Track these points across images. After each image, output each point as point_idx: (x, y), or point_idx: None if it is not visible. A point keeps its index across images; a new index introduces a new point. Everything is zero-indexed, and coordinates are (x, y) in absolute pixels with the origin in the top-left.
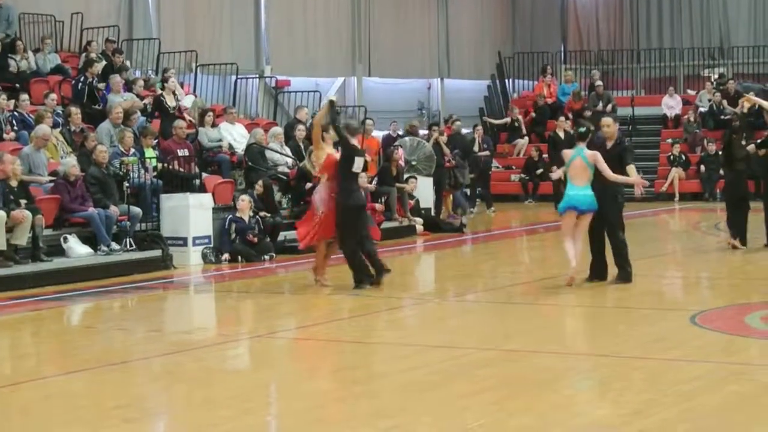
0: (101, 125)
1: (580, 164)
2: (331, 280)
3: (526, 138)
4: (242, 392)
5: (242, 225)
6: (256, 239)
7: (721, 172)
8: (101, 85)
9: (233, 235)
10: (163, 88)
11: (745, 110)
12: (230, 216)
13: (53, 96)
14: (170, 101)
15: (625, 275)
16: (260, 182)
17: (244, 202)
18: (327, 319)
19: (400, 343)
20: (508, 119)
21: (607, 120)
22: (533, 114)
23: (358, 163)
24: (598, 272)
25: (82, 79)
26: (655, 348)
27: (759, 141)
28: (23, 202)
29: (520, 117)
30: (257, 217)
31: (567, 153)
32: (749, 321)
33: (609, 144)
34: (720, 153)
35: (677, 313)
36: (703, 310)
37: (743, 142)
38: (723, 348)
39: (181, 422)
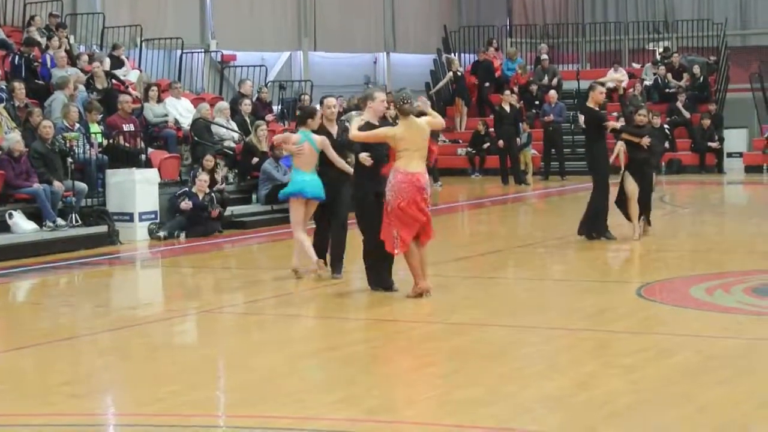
0: (55, 97)
1: (308, 149)
2: (273, 257)
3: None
4: (189, 367)
5: (196, 201)
6: (217, 212)
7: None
8: (47, 59)
9: (185, 206)
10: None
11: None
12: (185, 189)
13: None
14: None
15: (338, 269)
16: (208, 156)
17: (204, 182)
18: (274, 294)
19: (346, 317)
20: (450, 74)
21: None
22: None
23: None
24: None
25: (18, 54)
26: (601, 320)
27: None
28: None
29: (461, 69)
30: (212, 194)
31: (295, 137)
32: (694, 293)
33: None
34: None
35: (623, 285)
36: (648, 282)
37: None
38: (668, 320)
39: (129, 398)
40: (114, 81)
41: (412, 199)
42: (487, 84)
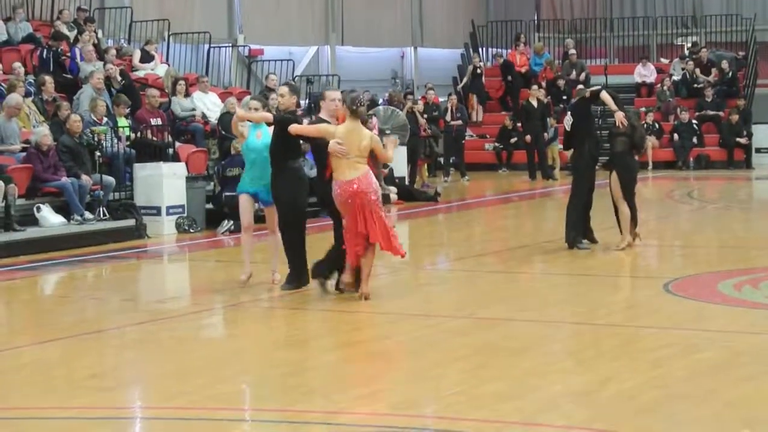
0: (83, 91)
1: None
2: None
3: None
4: (216, 361)
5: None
6: None
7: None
8: (76, 52)
9: None
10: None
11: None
12: None
13: (17, 64)
14: None
15: (293, 278)
16: None
17: None
18: (301, 289)
19: (374, 311)
20: (470, 67)
21: (282, 89)
22: (504, 81)
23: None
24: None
25: (46, 48)
26: (628, 315)
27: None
28: None
29: (480, 64)
30: None
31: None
32: (722, 288)
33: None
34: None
35: (651, 280)
36: (676, 277)
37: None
38: (695, 315)
39: (155, 391)
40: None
41: (352, 209)
42: (509, 78)
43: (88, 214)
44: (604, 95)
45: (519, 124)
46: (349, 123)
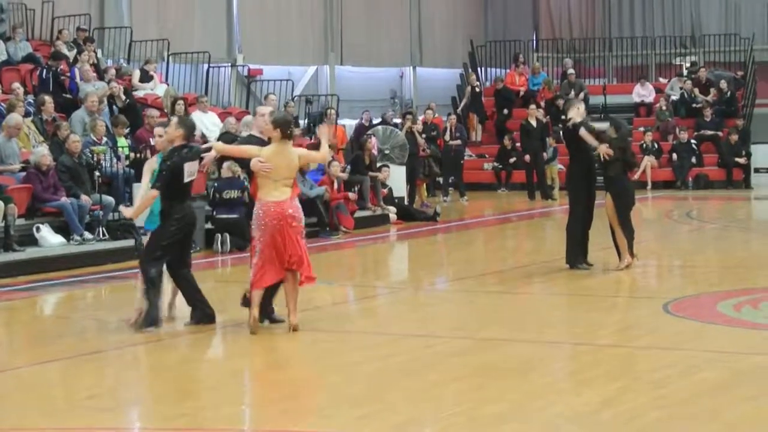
0: (75, 113)
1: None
2: None
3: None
4: (215, 382)
5: None
6: None
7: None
8: (75, 73)
9: None
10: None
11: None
12: None
13: (16, 84)
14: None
15: (201, 316)
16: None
17: None
18: (301, 308)
19: (374, 332)
20: (468, 88)
21: (172, 119)
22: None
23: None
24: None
25: (46, 68)
26: (628, 336)
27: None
28: None
29: (477, 83)
30: None
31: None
32: (722, 309)
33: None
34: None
35: (650, 301)
36: (675, 297)
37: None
38: (695, 336)
39: (155, 412)
40: (135, 96)
41: (276, 233)
42: (505, 111)
43: (87, 234)
44: (583, 133)
45: (518, 144)
46: (277, 145)
